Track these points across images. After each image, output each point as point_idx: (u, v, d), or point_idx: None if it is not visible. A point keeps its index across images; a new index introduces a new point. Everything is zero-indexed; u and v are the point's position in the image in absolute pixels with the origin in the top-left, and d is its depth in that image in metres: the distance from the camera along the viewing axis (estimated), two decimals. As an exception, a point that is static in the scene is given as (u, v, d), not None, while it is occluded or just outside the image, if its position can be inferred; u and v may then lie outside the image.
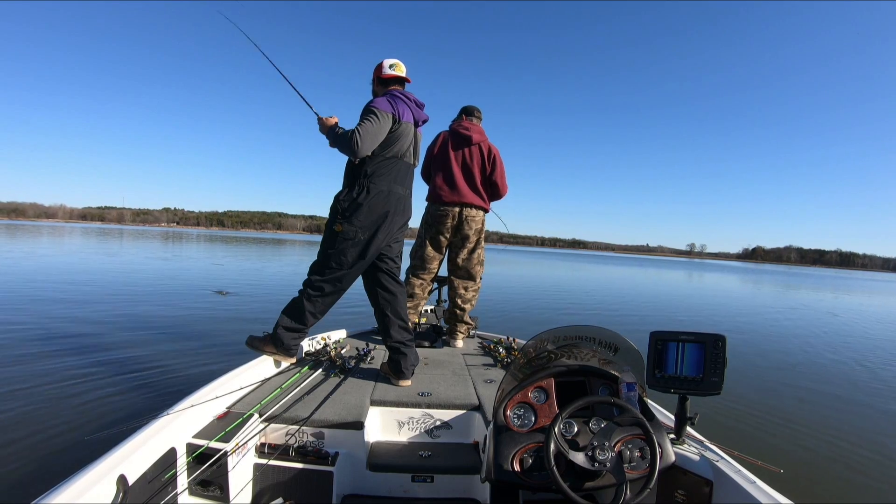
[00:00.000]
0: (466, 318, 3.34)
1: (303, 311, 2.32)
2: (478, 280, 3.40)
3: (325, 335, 2.93)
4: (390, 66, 2.42)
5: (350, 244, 2.25)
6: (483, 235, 3.35)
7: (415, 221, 2.83)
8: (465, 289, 3.33)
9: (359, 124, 2.20)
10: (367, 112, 2.22)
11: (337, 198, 2.32)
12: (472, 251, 3.30)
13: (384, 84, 2.44)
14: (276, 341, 2.33)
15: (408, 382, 2.30)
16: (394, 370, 2.32)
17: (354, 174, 2.30)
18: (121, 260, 16.53)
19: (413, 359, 2.36)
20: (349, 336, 3.26)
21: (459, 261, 3.29)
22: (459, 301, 3.32)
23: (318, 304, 2.34)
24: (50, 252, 18.72)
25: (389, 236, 2.37)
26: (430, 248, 3.27)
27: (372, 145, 2.21)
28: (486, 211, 3.34)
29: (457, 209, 3.20)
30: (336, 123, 2.34)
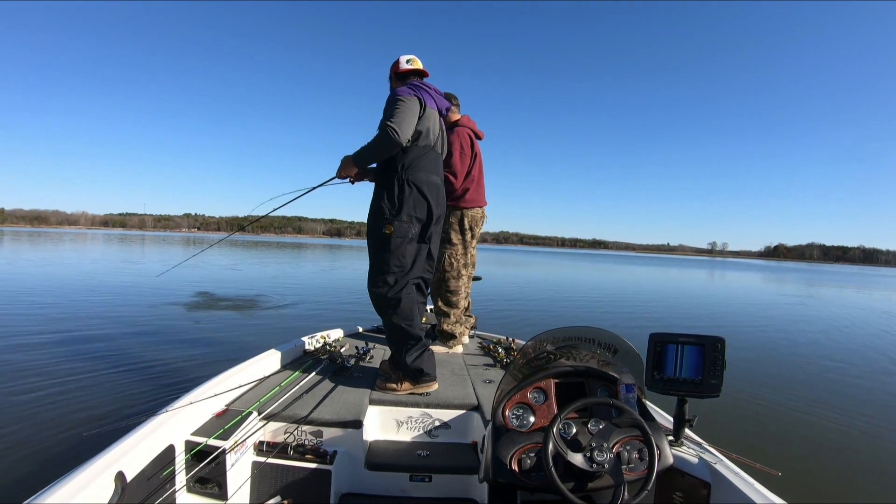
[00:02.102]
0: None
1: (403, 330, 2.16)
2: None
3: (324, 334, 2.93)
4: (407, 62, 2.37)
5: (405, 241, 2.14)
6: None
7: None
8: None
9: (387, 117, 2.08)
10: (392, 102, 2.13)
11: (377, 201, 2.20)
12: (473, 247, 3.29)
13: (402, 79, 2.37)
14: (412, 375, 2.15)
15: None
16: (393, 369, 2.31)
17: (390, 169, 2.18)
18: (139, 268, 16.23)
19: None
20: (348, 335, 3.26)
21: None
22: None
23: (406, 313, 2.16)
24: (71, 260, 18.49)
25: (438, 223, 2.28)
26: (467, 252, 3.12)
27: (410, 128, 2.10)
28: None
29: (485, 209, 3.17)
30: (347, 155, 2.25)
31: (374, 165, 2.31)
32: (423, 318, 3.47)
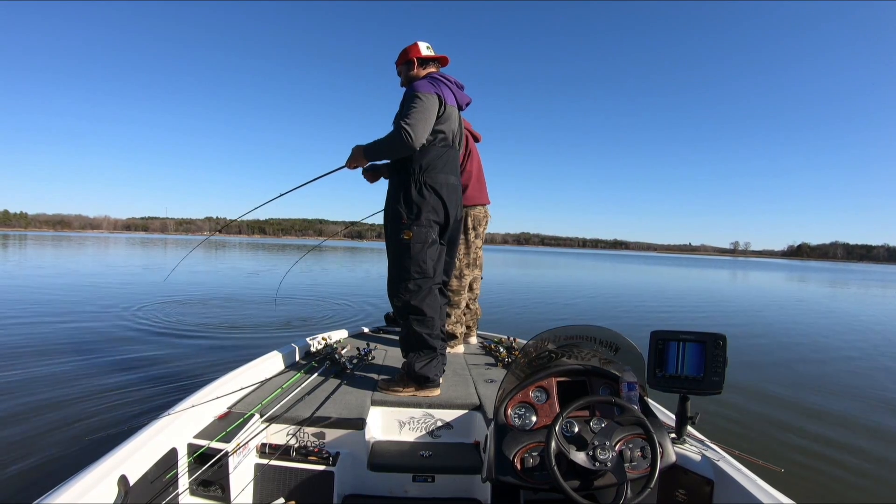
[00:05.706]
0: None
1: (421, 339, 2.13)
2: None
3: (325, 335, 2.93)
4: (427, 48, 2.25)
5: (425, 247, 2.08)
6: None
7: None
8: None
9: (403, 116, 1.98)
10: (410, 98, 2.02)
11: (392, 204, 2.13)
12: None
13: (422, 65, 2.24)
14: (418, 380, 2.11)
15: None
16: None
17: (406, 170, 2.09)
18: (153, 274, 15.78)
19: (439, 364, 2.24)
20: (350, 336, 3.26)
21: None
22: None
23: (429, 322, 2.14)
24: (82, 264, 18.21)
25: (456, 224, 2.25)
26: (469, 251, 3.13)
27: (426, 131, 2.00)
28: None
29: (488, 208, 3.15)
30: (359, 145, 2.15)
31: (388, 162, 2.24)
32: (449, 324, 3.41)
